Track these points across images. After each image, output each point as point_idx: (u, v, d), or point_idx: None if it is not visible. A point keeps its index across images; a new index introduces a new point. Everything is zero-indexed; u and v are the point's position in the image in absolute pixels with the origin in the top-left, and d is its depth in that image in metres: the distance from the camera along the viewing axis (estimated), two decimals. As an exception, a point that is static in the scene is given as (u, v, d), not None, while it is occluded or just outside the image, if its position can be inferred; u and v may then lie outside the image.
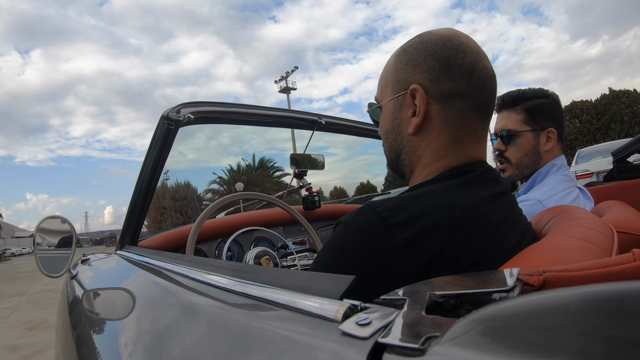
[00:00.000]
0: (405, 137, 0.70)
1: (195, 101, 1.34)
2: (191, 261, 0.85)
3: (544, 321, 0.22)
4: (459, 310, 0.30)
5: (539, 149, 1.28)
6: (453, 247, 0.55)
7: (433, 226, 0.55)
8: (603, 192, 1.58)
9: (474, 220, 0.58)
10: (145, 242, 1.61)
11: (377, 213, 0.56)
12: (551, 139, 1.28)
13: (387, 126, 0.74)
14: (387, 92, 0.73)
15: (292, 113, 1.69)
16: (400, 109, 0.70)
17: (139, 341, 0.63)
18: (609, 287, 0.22)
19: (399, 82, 0.70)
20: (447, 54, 0.65)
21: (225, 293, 0.55)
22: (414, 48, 0.69)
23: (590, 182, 1.96)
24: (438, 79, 0.65)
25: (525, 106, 1.29)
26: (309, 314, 0.37)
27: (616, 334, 0.19)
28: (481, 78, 0.66)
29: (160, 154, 1.28)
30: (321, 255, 0.64)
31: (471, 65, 0.65)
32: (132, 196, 1.42)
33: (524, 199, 1.16)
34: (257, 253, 1.47)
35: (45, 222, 1.74)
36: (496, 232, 0.60)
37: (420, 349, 0.24)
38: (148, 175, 1.34)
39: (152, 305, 0.73)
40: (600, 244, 0.57)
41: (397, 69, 0.70)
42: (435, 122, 0.67)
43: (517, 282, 0.31)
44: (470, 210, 0.59)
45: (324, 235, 1.97)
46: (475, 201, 0.60)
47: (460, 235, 0.56)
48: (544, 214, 0.80)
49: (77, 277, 1.44)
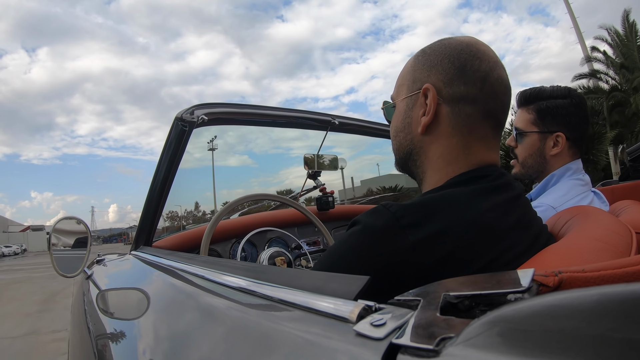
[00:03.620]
0: (415, 137, 0.71)
1: (209, 103, 1.35)
2: (205, 262, 0.85)
3: (560, 322, 0.21)
4: (474, 311, 0.30)
5: (544, 152, 1.25)
6: (464, 250, 0.56)
7: (445, 229, 0.56)
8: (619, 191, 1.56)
9: (485, 224, 0.59)
10: (160, 243, 1.62)
11: (391, 213, 0.57)
12: (559, 143, 1.22)
13: (398, 124, 0.74)
14: (402, 91, 0.73)
15: (306, 114, 1.69)
16: (412, 108, 0.71)
17: (154, 341, 0.64)
18: (625, 287, 0.22)
19: (414, 81, 0.71)
20: (464, 59, 0.66)
21: (239, 293, 0.55)
22: (432, 50, 0.70)
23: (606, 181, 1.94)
24: (451, 81, 0.66)
25: (537, 106, 1.24)
26: (323, 315, 0.37)
27: (633, 336, 0.19)
28: (494, 86, 0.67)
29: (174, 155, 1.29)
30: (332, 251, 0.64)
31: (486, 73, 0.66)
32: (147, 197, 1.43)
33: (537, 204, 1.12)
34: (271, 253, 1.47)
35: (61, 223, 1.76)
36: (508, 236, 0.60)
37: (434, 350, 0.24)
38: (162, 176, 1.35)
39: (167, 306, 0.74)
40: (618, 244, 0.57)
41: (414, 69, 0.71)
42: (444, 124, 0.68)
43: (533, 283, 0.31)
44: (482, 215, 0.59)
45: (338, 236, 1.96)
46: (487, 206, 0.60)
47: (471, 239, 0.56)
48: (562, 215, 0.79)
49: (92, 277, 1.46)
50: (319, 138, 1.84)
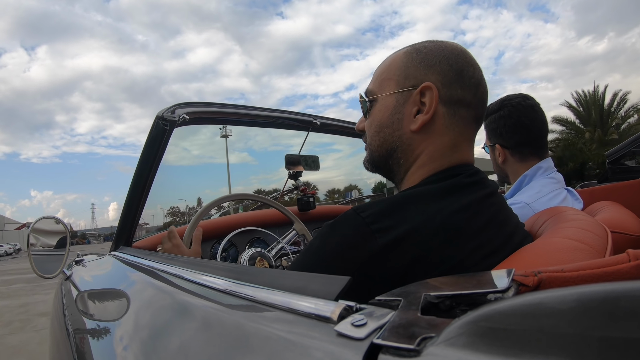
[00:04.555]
0: (405, 134, 0.71)
1: (190, 102, 1.34)
2: (186, 262, 0.84)
3: (540, 321, 0.22)
4: (455, 311, 0.30)
5: (498, 162, 1.37)
6: (432, 251, 0.57)
7: (413, 231, 0.57)
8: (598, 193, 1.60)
9: (454, 225, 0.59)
10: (140, 243, 1.60)
11: (361, 218, 0.58)
12: (501, 153, 1.34)
13: (383, 119, 0.73)
14: (388, 86, 0.72)
15: (287, 114, 1.68)
16: (404, 104, 0.70)
17: (134, 342, 0.63)
18: (604, 287, 0.22)
19: (407, 78, 0.70)
20: (461, 65, 0.69)
21: (220, 294, 0.55)
22: (428, 50, 0.71)
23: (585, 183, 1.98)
24: (450, 84, 0.68)
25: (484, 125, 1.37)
26: (304, 315, 0.37)
27: (611, 334, 0.19)
28: (484, 94, 0.72)
29: (155, 155, 1.28)
30: (303, 254, 0.65)
31: (478, 81, 0.70)
32: (127, 197, 1.41)
33: (512, 202, 1.17)
34: (252, 254, 1.46)
35: (40, 223, 1.72)
36: (478, 236, 0.61)
37: (415, 350, 0.24)
38: (143, 176, 1.33)
39: (147, 306, 0.73)
40: (594, 244, 0.58)
41: (406, 66, 0.71)
42: (440, 124, 0.69)
43: (513, 283, 0.31)
44: (451, 216, 0.60)
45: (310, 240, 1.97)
46: (458, 206, 0.61)
47: (439, 240, 0.57)
48: (539, 216, 0.80)
49: (71, 278, 1.43)
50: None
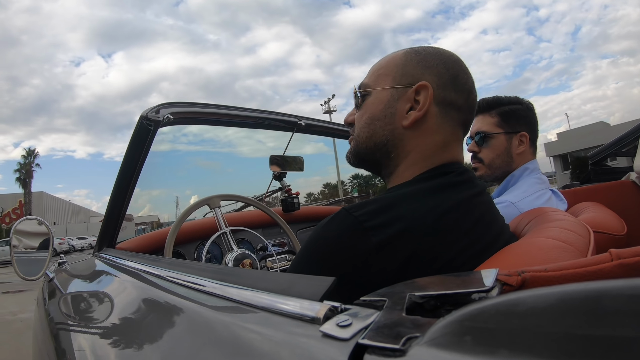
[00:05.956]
0: (397, 129, 0.72)
1: (175, 102, 1.33)
2: (170, 263, 0.84)
3: (523, 321, 0.22)
4: (439, 311, 0.30)
5: (511, 151, 1.34)
6: (426, 250, 0.58)
7: (407, 230, 0.58)
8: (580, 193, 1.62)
9: (445, 224, 0.61)
10: (124, 245, 1.59)
11: (354, 217, 0.58)
12: (523, 142, 1.33)
13: (376, 112, 0.74)
14: (384, 81, 0.74)
15: (272, 115, 1.68)
16: (398, 100, 0.72)
17: (118, 344, 0.62)
18: (586, 286, 0.22)
19: (404, 75, 0.72)
20: (457, 70, 0.72)
21: (204, 295, 0.54)
22: (427, 52, 0.73)
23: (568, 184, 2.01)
24: (445, 86, 0.71)
25: (500, 110, 1.35)
26: (289, 316, 0.37)
27: (594, 332, 0.19)
28: (474, 102, 0.75)
29: (139, 155, 1.26)
30: (299, 258, 0.65)
31: (470, 88, 0.73)
32: (110, 198, 1.39)
33: (498, 201, 1.18)
34: (237, 255, 1.45)
35: (22, 224, 1.69)
36: (468, 234, 0.62)
37: (401, 350, 0.24)
38: (126, 177, 1.32)
39: (131, 308, 0.72)
40: (576, 244, 0.59)
41: (405, 64, 0.73)
42: (432, 122, 0.70)
43: (496, 283, 0.31)
44: (442, 216, 0.61)
45: (303, 237, 1.98)
46: (448, 206, 0.63)
47: (432, 239, 0.58)
48: (524, 216, 0.81)
49: (54, 280, 1.41)
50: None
